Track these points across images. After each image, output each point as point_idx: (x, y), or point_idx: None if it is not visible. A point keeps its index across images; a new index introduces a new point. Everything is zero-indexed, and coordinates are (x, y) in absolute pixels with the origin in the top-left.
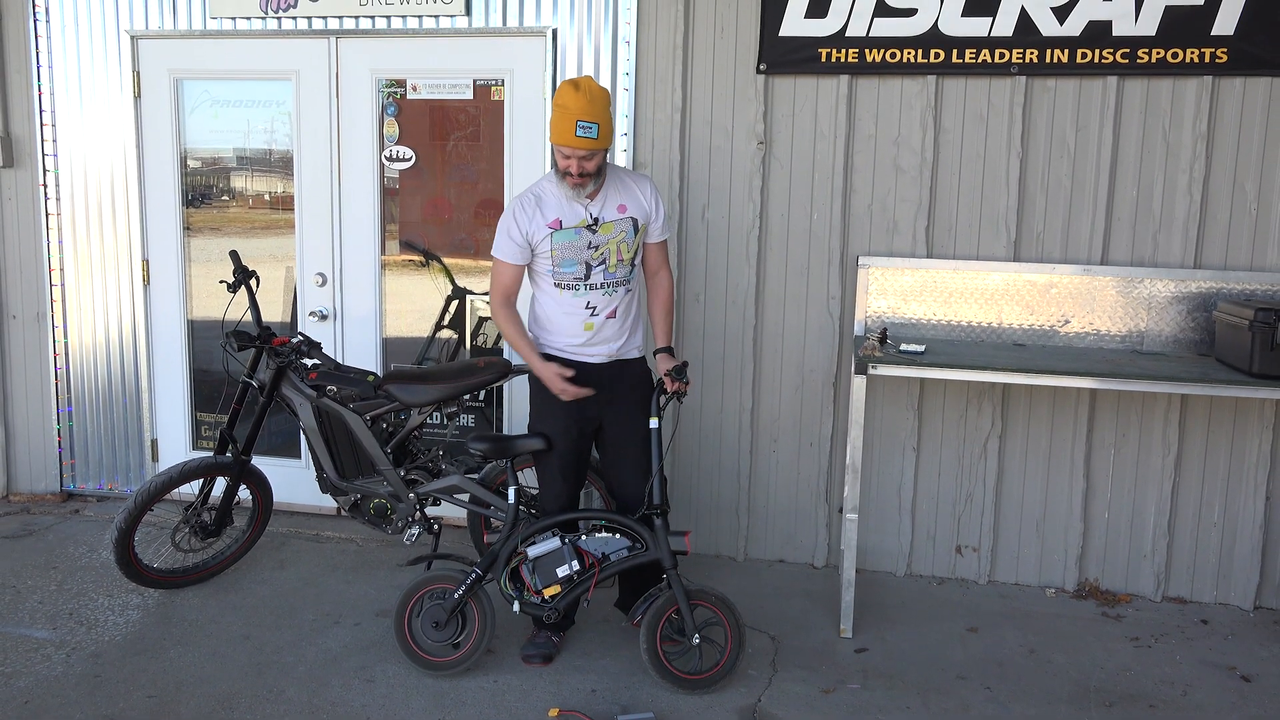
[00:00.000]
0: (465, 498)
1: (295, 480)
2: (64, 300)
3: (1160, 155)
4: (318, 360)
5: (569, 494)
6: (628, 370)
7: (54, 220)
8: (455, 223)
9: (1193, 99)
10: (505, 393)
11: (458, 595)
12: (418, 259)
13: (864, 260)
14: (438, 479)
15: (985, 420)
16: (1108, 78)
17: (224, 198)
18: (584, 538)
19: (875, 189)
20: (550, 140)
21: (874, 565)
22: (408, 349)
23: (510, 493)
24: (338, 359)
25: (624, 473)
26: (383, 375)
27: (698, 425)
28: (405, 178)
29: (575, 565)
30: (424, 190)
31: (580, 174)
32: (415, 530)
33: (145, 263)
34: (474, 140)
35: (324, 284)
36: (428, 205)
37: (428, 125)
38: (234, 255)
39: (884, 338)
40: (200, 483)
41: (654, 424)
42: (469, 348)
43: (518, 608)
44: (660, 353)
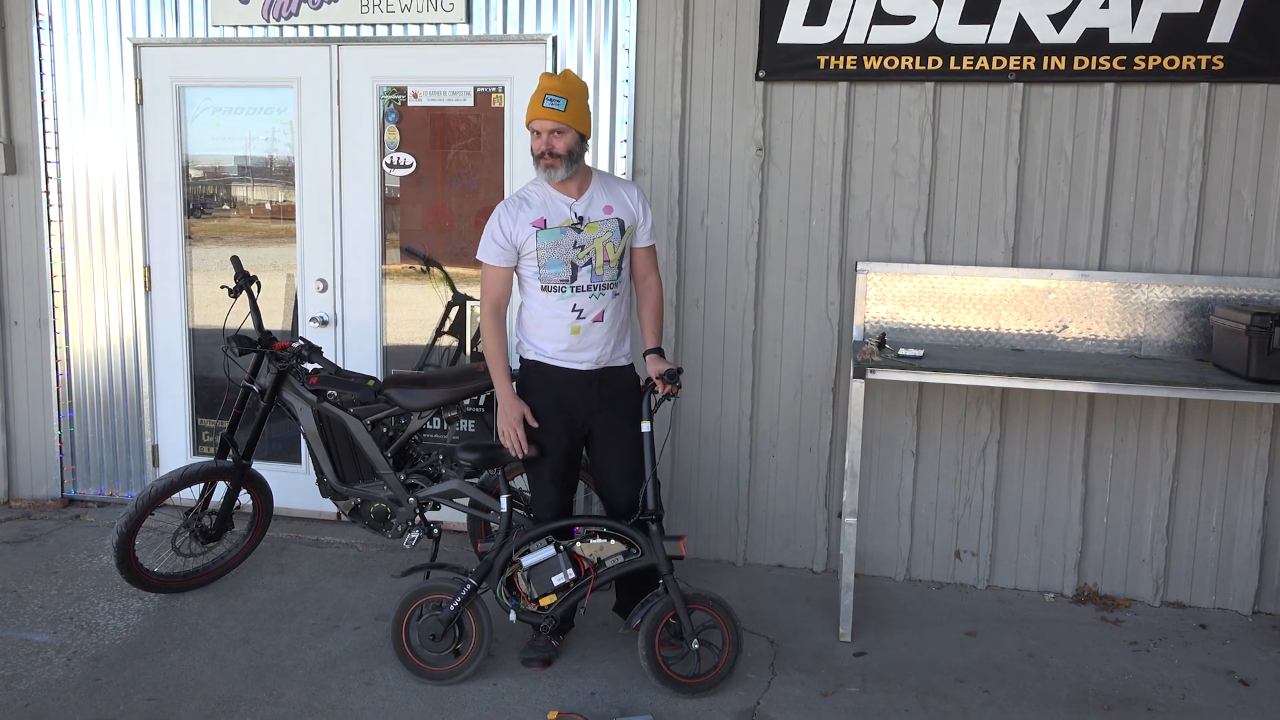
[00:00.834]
0: (465, 502)
1: (295, 486)
2: (65, 306)
3: (1157, 162)
4: (318, 365)
5: (561, 501)
6: (616, 378)
7: (56, 227)
8: (456, 229)
9: (1189, 106)
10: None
11: (454, 607)
12: (418, 266)
13: (863, 266)
14: (438, 483)
15: (984, 425)
16: (1105, 84)
17: (224, 206)
18: (579, 544)
19: (874, 195)
20: (525, 123)
21: (873, 570)
22: (408, 357)
23: (503, 501)
24: (338, 364)
25: (614, 479)
26: (383, 379)
27: (697, 430)
28: (406, 184)
29: (570, 573)
30: (424, 196)
31: (550, 153)
32: (415, 535)
33: (147, 269)
34: (475, 147)
35: (325, 289)
36: (428, 212)
37: (429, 132)
38: (235, 261)
39: (883, 342)
40: (201, 487)
41: (646, 427)
42: (469, 354)
43: (514, 616)
44: (650, 354)
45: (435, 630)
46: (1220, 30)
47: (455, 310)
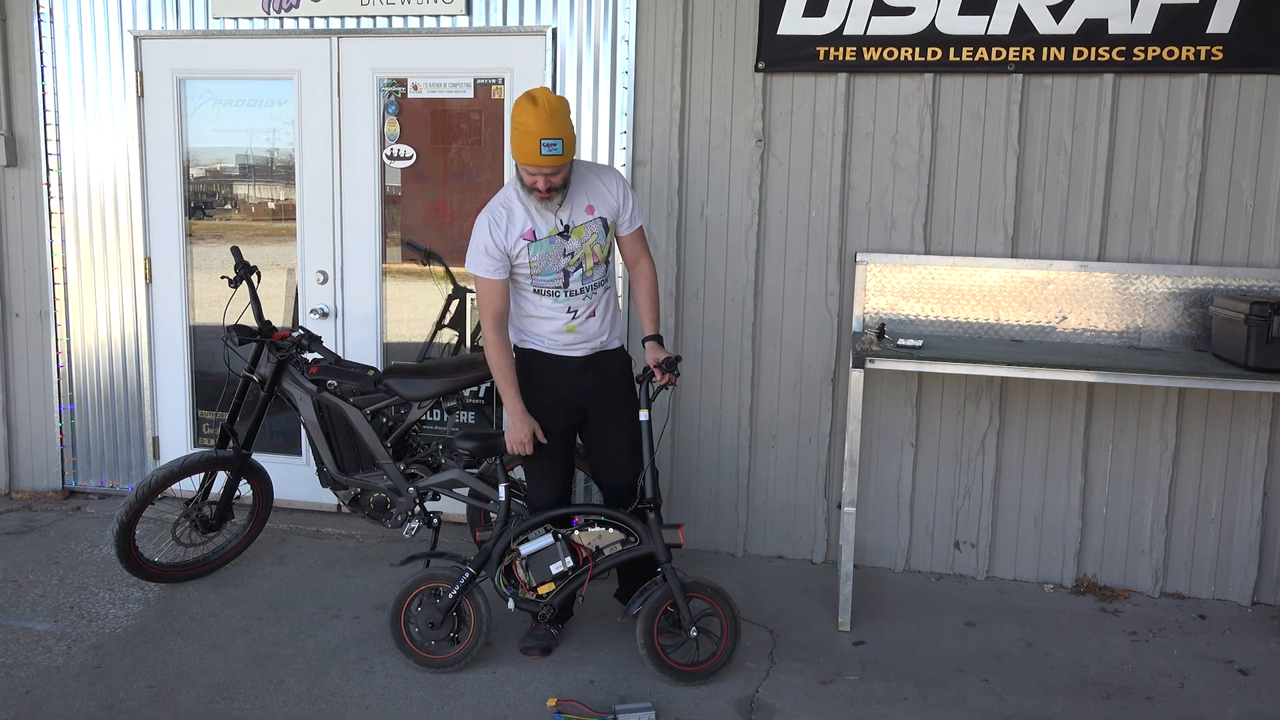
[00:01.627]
0: (465, 492)
1: (295, 477)
2: (66, 298)
3: (1157, 152)
4: (318, 354)
5: (560, 488)
6: (610, 361)
7: (57, 219)
8: (455, 220)
9: (1189, 96)
10: None
11: (452, 595)
12: (418, 258)
13: (862, 257)
14: (437, 473)
15: (983, 416)
16: (1104, 75)
17: (226, 205)
18: (577, 533)
19: (873, 186)
20: (514, 158)
21: (872, 561)
22: (409, 354)
23: (500, 490)
24: (338, 354)
25: (610, 462)
26: (383, 369)
27: (697, 421)
28: (406, 175)
29: (569, 561)
30: (424, 187)
31: (548, 189)
32: (415, 524)
33: (148, 260)
34: (474, 138)
35: (325, 281)
36: (429, 207)
37: (429, 124)
38: (235, 251)
39: (882, 333)
40: (201, 477)
41: (644, 416)
42: (469, 347)
43: (512, 605)
44: (649, 341)
45: (434, 618)
46: (1219, 21)
47: (455, 304)
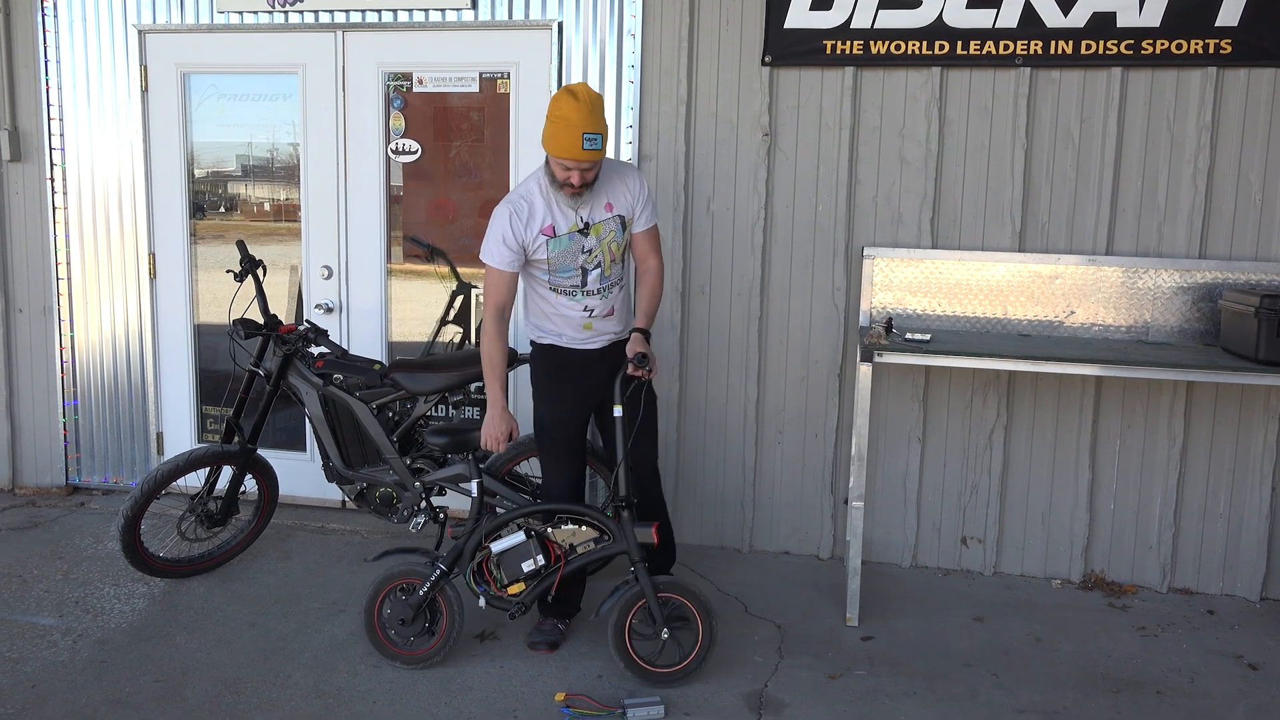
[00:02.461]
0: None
1: (300, 473)
2: (70, 294)
3: (1165, 146)
4: (325, 348)
5: (574, 478)
6: (623, 350)
7: (61, 214)
8: (460, 214)
9: (1197, 90)
10: (511, 382)
11: (423, 592)
12: (422, 254)
13: (869, 251)
14: (443, 468)
15: (990, 411)
16: (1112, 69)
17: (230, 201)
18: (550, 530)
19: (880, 181)
20: (549, 152)
21: (880, 557)
22: (413, 352)
23: (473, 486)
24: (344, 348)
25: (635, 447)
26: (389, 363)
27: (703, 416)
28: (410, 170)
29: (540, 559)
30: (429, 182)
31: (581, 184)
32: (421, 519)
33: (152, 256)
34: (480, 132)
35: (329, 276)
36: (431, 205)
37: (434, 117)
38: (241, 245)
39: (889, 327)
40: (206, 472)
41: (617, 412)
42: (473, 343)
43: (483, 602)
44: (635, 332)
45: (405, 615)
46: (1228, 14)
47: (460, 300)
